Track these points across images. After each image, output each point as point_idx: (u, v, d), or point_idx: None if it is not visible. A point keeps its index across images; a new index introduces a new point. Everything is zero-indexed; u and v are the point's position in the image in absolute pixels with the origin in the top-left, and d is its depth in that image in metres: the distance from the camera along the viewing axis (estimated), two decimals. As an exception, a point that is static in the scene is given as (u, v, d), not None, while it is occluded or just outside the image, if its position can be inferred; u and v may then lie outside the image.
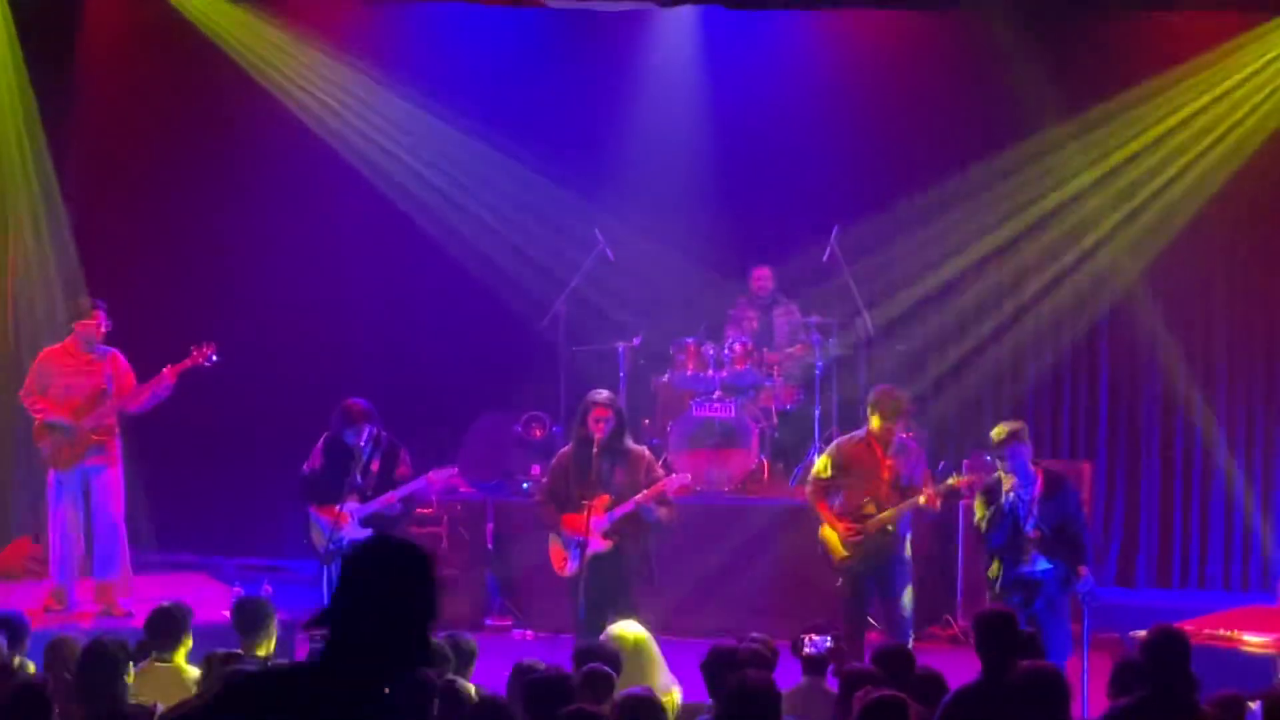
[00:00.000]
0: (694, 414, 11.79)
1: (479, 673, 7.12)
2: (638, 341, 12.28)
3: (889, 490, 9.32)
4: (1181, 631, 6.21)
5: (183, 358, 9.98)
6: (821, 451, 10.12)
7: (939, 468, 11.30)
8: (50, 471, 10.10)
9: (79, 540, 10.15)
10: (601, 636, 7.27)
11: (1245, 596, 11.80)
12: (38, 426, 10.09)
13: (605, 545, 9.09)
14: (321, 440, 9.41)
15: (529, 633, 11.18)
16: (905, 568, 9.41)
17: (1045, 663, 5.96)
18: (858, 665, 7.03)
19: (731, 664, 6.31)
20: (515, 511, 11.50)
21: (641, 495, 9.12)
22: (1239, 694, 6.16)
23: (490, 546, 11.62)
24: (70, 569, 10.13)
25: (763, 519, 11.38)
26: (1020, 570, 8.74)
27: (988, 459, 9.54)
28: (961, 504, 10.58)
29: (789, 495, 11.58)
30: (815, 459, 10.25)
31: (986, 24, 12.19)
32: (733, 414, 11.76)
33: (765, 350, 12.25)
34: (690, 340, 12.10)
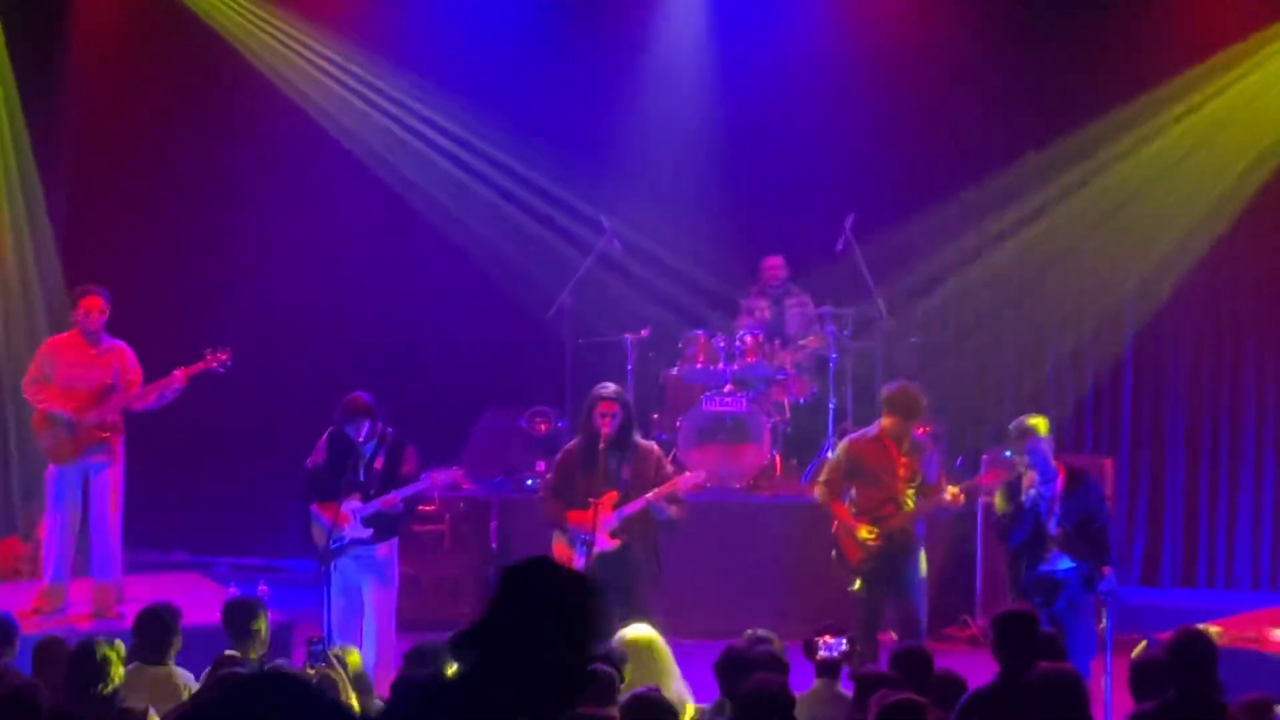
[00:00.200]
0: (704, 408, 11.63)
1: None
2: (646, 333, 12.14)
3: (905, 489, 9.04)
4: (1207, 633, 6.14)
5: (194, 359, 9.74)
6: (833, 449, 9.88)
7: (956, 464, 11.15)
8: (50, 466, 9.80)
9: (74, 539, 9.88)
10: (611, 640, 7.02)
11: (1274, 597, 11.66)
12: (38, 417, 9.78)
13: (613, 544, 8.88)
14: (325, 435, 9.16)
15: (535, 633, 10.94)
16: (920, 568, 9.16)
17: (1063, 664, 5.81)
18: (873, 667, 7.00)
19: (745, 666, 6.20)
20: (520, 509, 11.35)
21: (652, 493, 8.92)
22: (1267, 697, 6.06)
23: (494, 545, 11.48)
24: (64, 569, 9.86)
25: (775, 516, 11.29)
26: (1041, 569, 8.57)
27: (1007, 455, 9.33)
28: (980, 502, 10.38)
29: (802, 492, 11.43)
30: (828, 454, 10.06)
31: (1007, 5, 11.99)
32: (744, 408, 11.59)
33: (777, 342, 12.02)
34: (700, 332, 11.93)
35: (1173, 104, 12.14)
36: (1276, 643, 9.14)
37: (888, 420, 9.09)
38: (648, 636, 7.01)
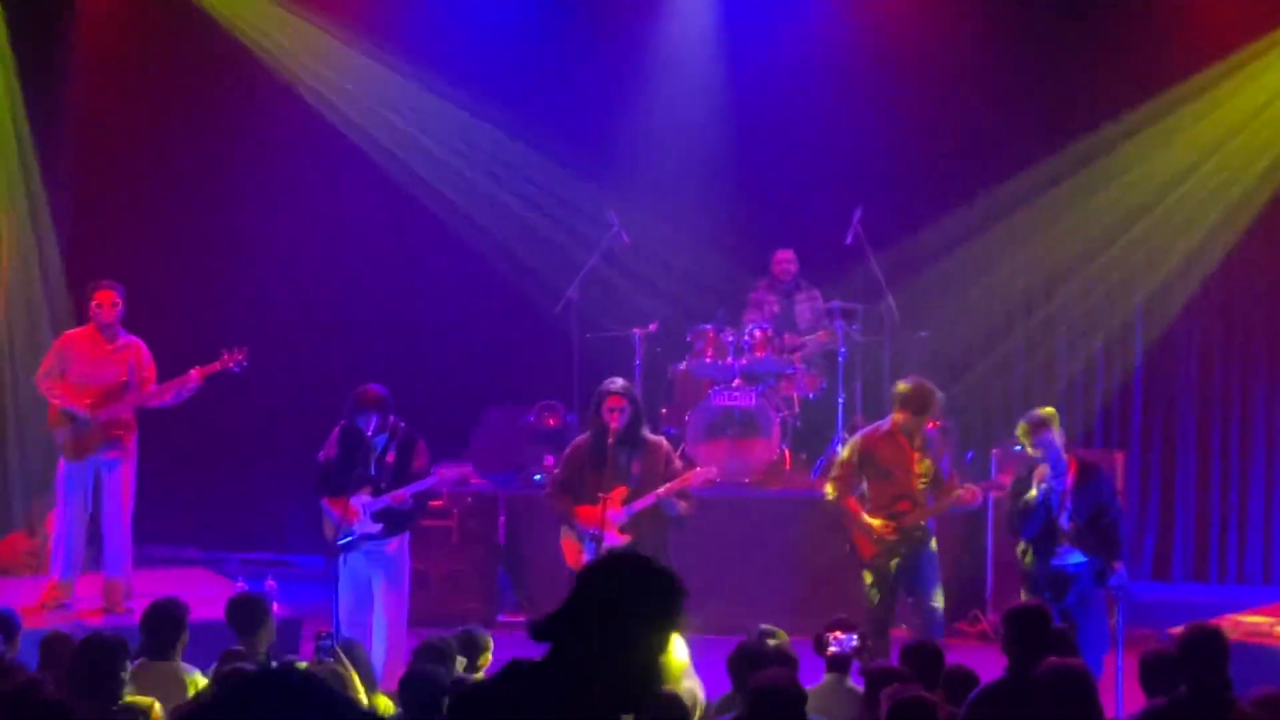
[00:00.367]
0: (713, 403, 11.56)
1: (492, 670, 6.88)
2: (654, 328, 12.06)
3: (919, 485, 8.98)
4: (1219, 628, 6.05)
5: (208, 359, 9.70)
6: (844, 444, 9.81)
7: (967, 458, 11.05)
8: (61, 461, 9.76)
9: (84, 535, 9.85)
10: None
11: (1287, 591, 11.61)
12: (53, 413, 9.73)
13: (622, 540, 8.81)
14: (337, 428, 9.08)
15: (543, 629, 10.89)
16: (934, 563, 9.12)
17: (1070, 660, 5.77)
18: (884, 663, 6.93)
19: (757, 661, 6.17)
20: (528, 504, 11.32)
21: (664, 488, 8.85)
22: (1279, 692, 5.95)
23: (502, 540, 11.43)
24: (73, 565, 9.83)
25: (784, 511, 11.22)
26: (1052, 564, 8.53)
27: (1017, 450, 9.27)
28: (991, 497, 10.31)
29: (811, 487, 11.39)
30: (837, 449, 9.99)
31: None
32: (753, 402, 11.52)
33: (786, 336, 11.96)
34: (709, 326, 11.85)
35: (1194, 107, 12.09)
36: (1291, 637, 9.08)
37: (901, 415, 8.98)
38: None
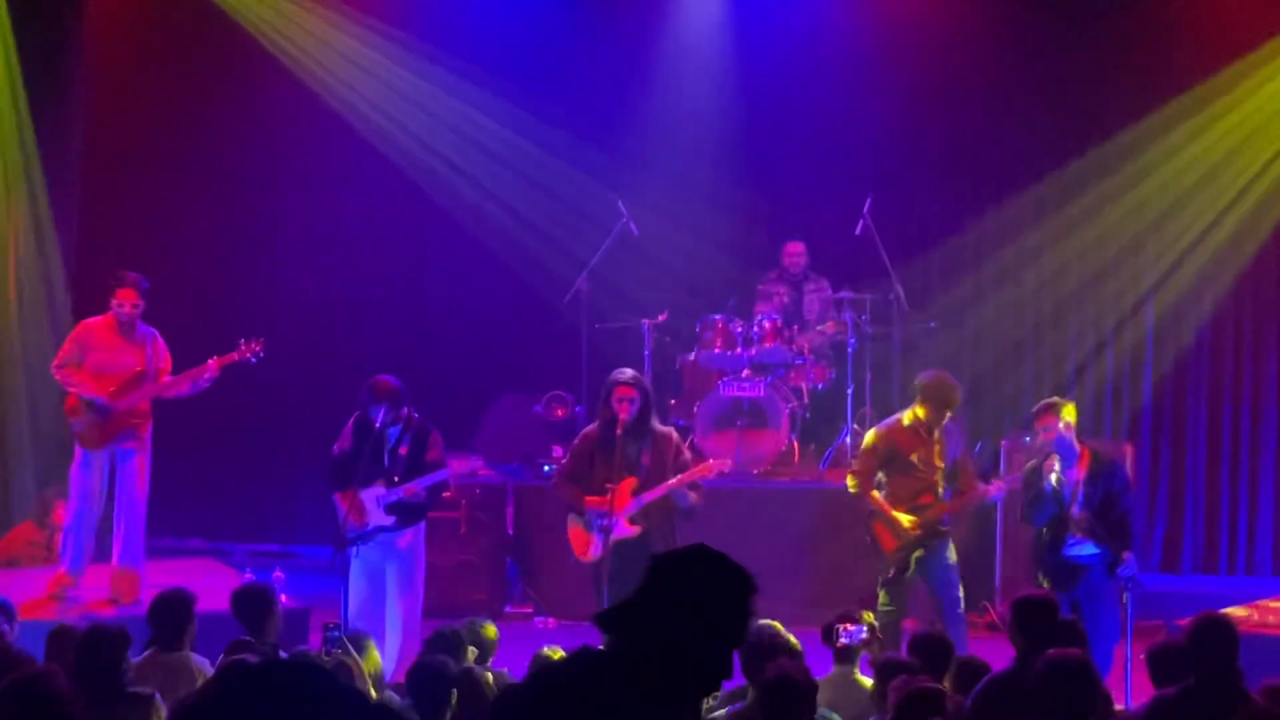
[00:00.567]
0: (722, 394, 11.54)
1: (499, 660, 7.08)
2: (663, 318, 12.03)
3: (939, 478, 8.94)
4: (1229, 619, 6.06)
5: (226, 349, 9.65)
6: (859, 436, 9.77)
7: (977, 448, 11.02)
8: (77, 451, 9.73)
9: (95, 526, 9.82)
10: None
11: (1297, 582, 11.57)
12: (70, 402, 9.71)
13: (632, 531, 8.77)
14: (351, 420, 9.04)
15: (550, 620, 10.96)
16: (951, 554, 9.06)
17: (1071, 650, 5.74)
18: (894, 654, 6.91)
19: (768, 652, 6.15)
20: (536, 495, 11.30)
21: (676, 479, 8.80)
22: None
23: (510, 532, 11.43)
24: (83, 555, 9.80)
25: (792, 502, 11.20)
26: (1063, 554, 8.48)
27: (1027, 440, 9.24)
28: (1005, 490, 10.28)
29: (820, 478, 11.39)
30: (846, 440, 9.94)
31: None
32: (762, 393, 11.49)
33: (795, 327, 11.93)
34: (718, 317, 11.83)
35: (1208, 109, 12.05)
36: (1300, 627, 9.05)
37: (923, 409, 8.89)
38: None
